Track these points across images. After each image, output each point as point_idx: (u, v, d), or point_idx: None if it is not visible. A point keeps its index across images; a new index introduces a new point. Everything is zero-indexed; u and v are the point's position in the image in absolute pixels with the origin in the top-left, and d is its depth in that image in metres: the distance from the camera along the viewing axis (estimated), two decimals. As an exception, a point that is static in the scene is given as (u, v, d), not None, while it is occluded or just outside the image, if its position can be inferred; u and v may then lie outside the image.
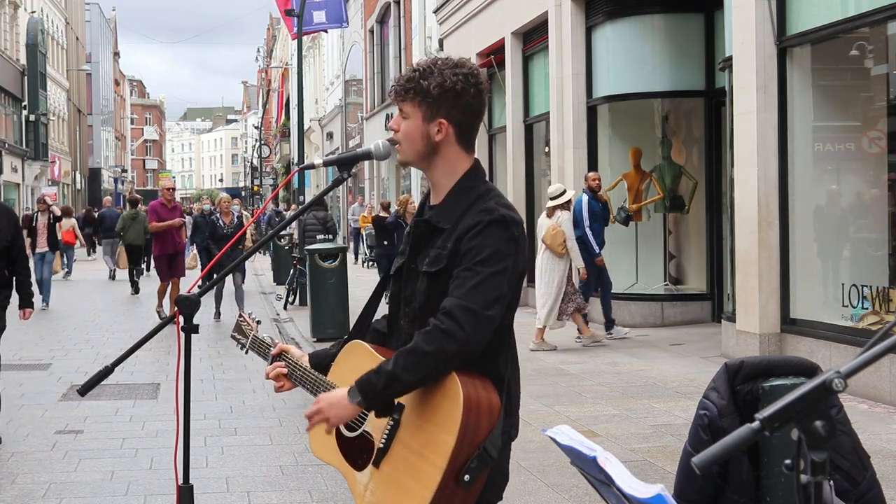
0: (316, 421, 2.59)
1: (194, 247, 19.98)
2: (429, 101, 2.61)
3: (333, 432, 2.70)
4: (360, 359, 2.67)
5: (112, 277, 24.89)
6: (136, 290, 21.14)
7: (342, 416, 2.56)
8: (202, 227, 20.90)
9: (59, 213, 21.22)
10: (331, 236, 16.33)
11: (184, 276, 15.50)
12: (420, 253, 2.66)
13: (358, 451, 2.64)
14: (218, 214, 15.47)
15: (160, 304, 15.42)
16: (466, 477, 2.41)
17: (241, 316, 3.14)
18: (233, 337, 3.14)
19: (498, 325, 2.53)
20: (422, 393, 2.49)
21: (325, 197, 3.52)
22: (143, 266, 23.38)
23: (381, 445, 2.55)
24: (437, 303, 2.51)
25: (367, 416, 2.63)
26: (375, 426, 2.60)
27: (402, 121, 2.68)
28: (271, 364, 2.93)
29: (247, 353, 3.10)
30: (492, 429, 2.44)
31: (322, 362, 2.84)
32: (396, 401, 2.54)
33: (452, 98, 2.61)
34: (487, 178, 2.75)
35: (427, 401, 2.48)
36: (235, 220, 15.79)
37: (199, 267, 19.87)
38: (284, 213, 31.37)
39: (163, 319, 3.06)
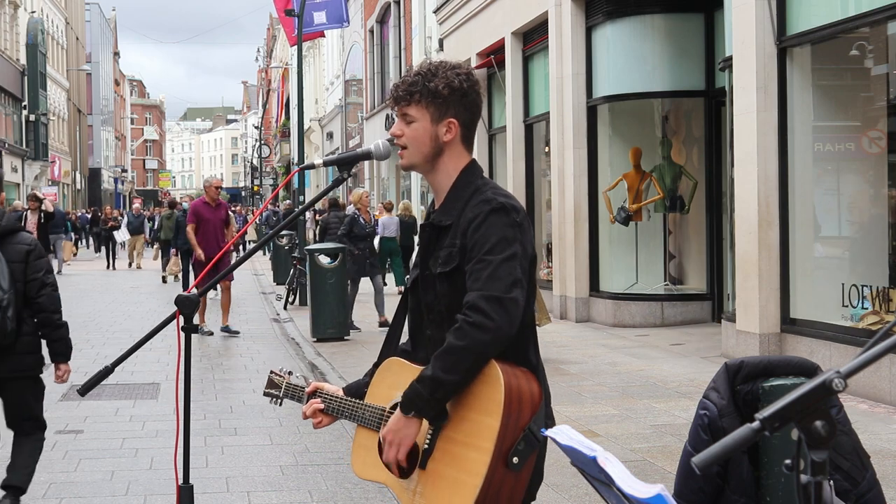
0: (392, 454, 2.57)
1: (177, 251, 18.73)
2: (438, 101, 2.64)
3: (376, 451, 2.69)
4: (396, 374, 2.67)
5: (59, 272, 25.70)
6: (165, 279, 22.22)
7: (410, 435, 2.54)
8: (185, 228, 19.53)
9: (51, 209, 20.92)
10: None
11: (232, 279, 13.72)
12: (431, 256, 2.67)
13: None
14: (357, 212, 13.80)
15: (202, 319, 13.46)
16: (515, 459, 2.41)
17: (272, 372, 3.11)
18: (266, 394, 3.07)
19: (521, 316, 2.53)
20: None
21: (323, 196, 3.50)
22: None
23: (426, 446, 2.55)
24: (461, 300, 2.51)
25: None
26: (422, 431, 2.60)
27: (405, 125, 2.68)
28: (307, 403, 2.91)
29: (281, 404, 3.06)
30: (535, 412, 2.46)
31: (358, 391, 2.83)
32: None
33: (460, 97, 2.66)
34: (485, 175, 2.77)
35: (467, 392, 2.48)
36: (373, 219, 15.15)
37: (182, 271, 18.32)
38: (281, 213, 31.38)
39: (202, 332, 3.06)
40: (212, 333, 13.01)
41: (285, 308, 16.47)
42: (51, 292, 5.14)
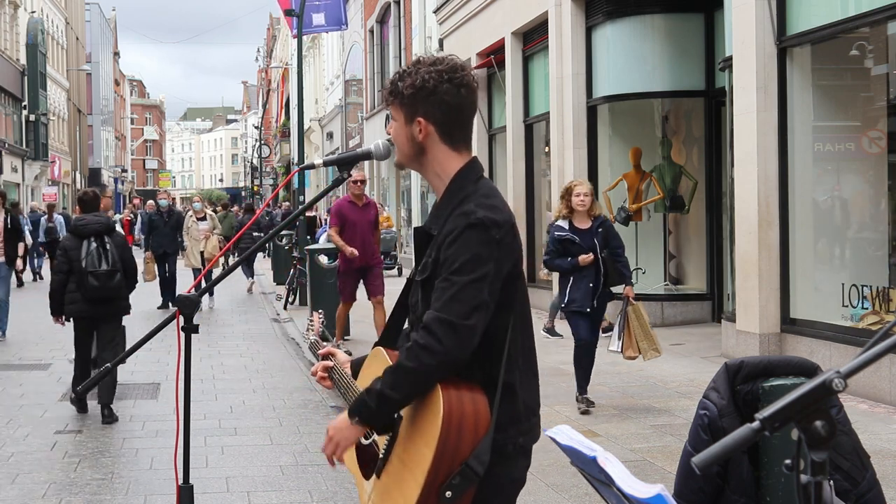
0: (330, 449, 2.57)
1: (150, 255, 16.76)
2: (406, 102, 2.61)
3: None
4: (378, 366, 2.67)
5: None
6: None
7: (350, 438, 2.55)
8: (160, 228, 16.81)
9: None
10: (262, 234, 19.96)
11: (384, 294, 11.04)
12: (419, 261, 2.66)
13: (368, 460, 2.66)
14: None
15: (339, 335, 11.47)
16: (448, 493, 2.36)
17: (309, 318, 3.18)
18: (304, 334, 3.21)
19: (492, 330, 2.47)
20: (414, 405, 2.48)
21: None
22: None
23: (382, 456, 2.56)
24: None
25: None
26: (380, 436, 2.62)
27: (393, 124, 2.69)
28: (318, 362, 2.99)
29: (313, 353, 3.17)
30: (476, 444, 2.39)
31: (359, 366, 2.84)
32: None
33: (426, 96, 2.58)
34: (485, 175, 2.72)
35: (415, 413, 2.47)
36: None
37: (158, 278, 16.74)
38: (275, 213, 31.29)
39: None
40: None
41: (285, 308, 16.46)
42: (135, 265, 8.48)
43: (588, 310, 7.86)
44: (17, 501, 5.84)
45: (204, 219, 17.65)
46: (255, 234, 21.10)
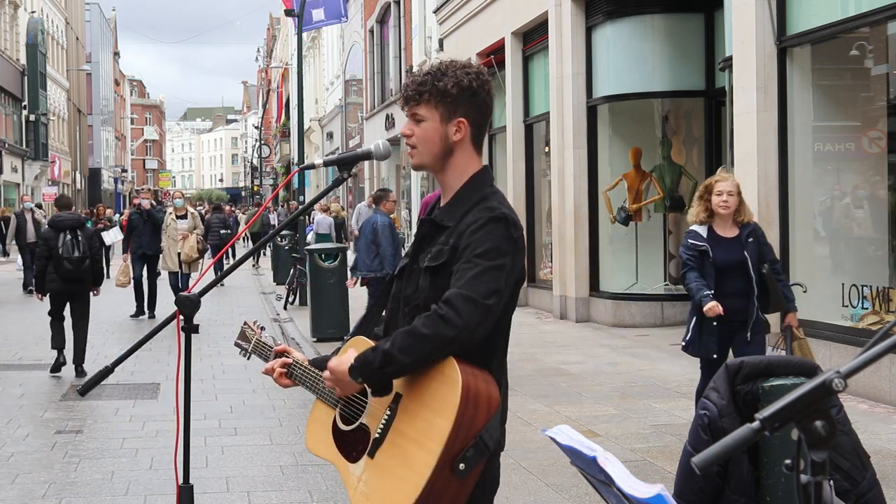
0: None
1: (127, 256, 15.38)
2: (447, 101, 2.62)
3: (330, 427, 2.70)
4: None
5: None
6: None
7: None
8: (139, 228, 15.37)
9: None
10: (229, 231, 23.19)
11: None
12: (423, 251, 2.67)
13: (353, 444, 2.63)
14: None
15: None
16: (462, 465, 2.39)
17: (245, 323, 3.12)
18: (236, 344, 3.10)
19: (494, 328, 2.52)
20: (420, 381, 2.49)
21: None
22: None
23: (377, 435, 2.54)
24: (439, 298, 2.51)
25: (364, 409, 2.62)
26: (372, 418, 2.59)
27: (415, 125, 2.67)
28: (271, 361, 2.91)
29: (249, 358, 3.08)
30: (489, 420, 2.43)
31: (322, 364, 2.81)
32: (394, 391, 2.53)
33: (470, 97, 2.64)
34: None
35: (425, 388, 2.48)
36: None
37: (133, 283, 15.34)
38: (271, 213, 31.34)
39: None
40: None
41: (285, 308, 16.46)
42: (101, 256, 10.65)
43: (715, 356, 6.16)
44: (17, 501, 5.84)
45: (185, 217, 15.85)
46: (223, 231, 23.16)
